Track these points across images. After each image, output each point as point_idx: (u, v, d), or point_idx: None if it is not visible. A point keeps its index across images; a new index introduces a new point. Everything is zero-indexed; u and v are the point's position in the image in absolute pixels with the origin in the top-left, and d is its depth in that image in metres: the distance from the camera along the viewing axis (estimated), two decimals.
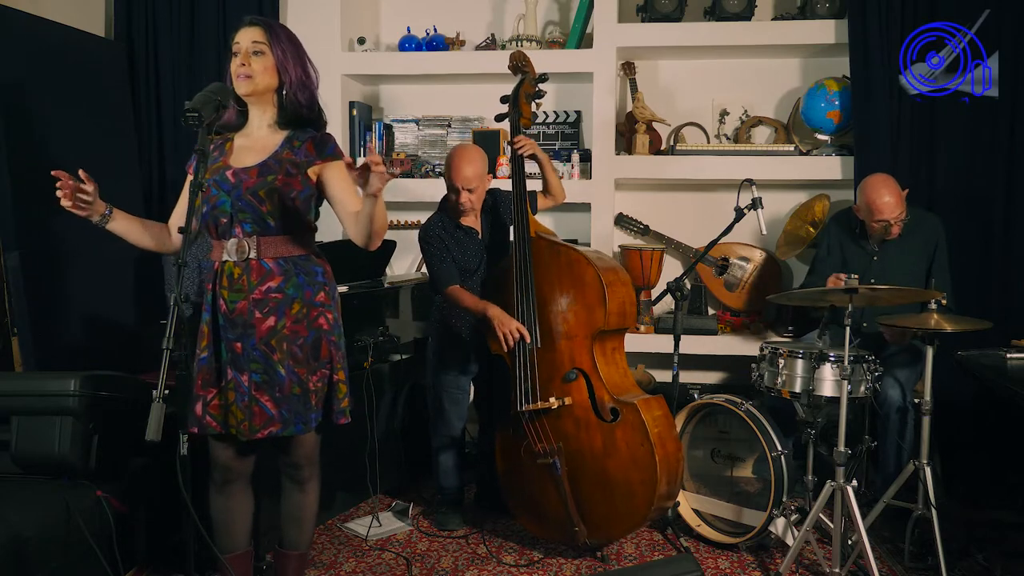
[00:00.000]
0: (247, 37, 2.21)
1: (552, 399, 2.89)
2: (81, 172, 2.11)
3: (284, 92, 2.25)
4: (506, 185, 3.28)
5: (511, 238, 3.13)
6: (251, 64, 2.20)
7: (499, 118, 3.25)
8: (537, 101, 3.22)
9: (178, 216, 2.38)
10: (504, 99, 3.21)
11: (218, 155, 2.29)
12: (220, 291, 2.22)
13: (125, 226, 2.27)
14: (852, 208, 3.42)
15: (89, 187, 2.12)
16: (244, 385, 2.22)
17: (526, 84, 3.16)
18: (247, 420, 2.21)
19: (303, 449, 2.34)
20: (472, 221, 3.23)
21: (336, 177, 2.28)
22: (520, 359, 2.93)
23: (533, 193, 3.26)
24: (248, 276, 2.21)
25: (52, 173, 2.07)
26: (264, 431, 2.23)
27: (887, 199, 3.21)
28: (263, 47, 2.21)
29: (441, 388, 3.26)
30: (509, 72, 3.28)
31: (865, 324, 3.29)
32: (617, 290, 2.94)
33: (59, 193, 2.08)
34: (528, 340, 2.90)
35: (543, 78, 3.19)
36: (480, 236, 3.23)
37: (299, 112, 2.27)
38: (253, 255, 2.21)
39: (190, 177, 2.33)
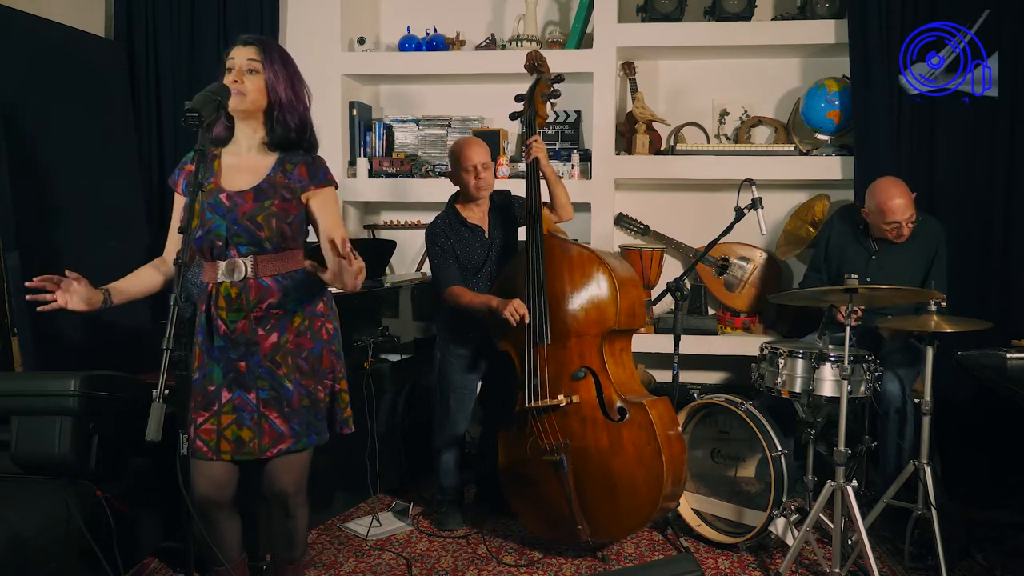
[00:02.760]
0: (242, 55, 2.19)
1: (560, 396, 2.90)
2: (68, 272, 2.10)
3: (273, 113, 2.22)
4: (510, 185, 3.27)
5: (521, 239, 3.12)
6: (244, 82, 2.17)
7: (513, 116, 3.25)
8: (552, 100, 3.22)
9: (173, 240, 2.32)
10: (519, 97, 3.22)
11: (208, 175, 2.24)
12: (217, 312, 2.19)
13: (126, 293, 2.25)
14: (859, 209, 3.40)
15: (77, 285, 2.10)
16: (252, 403, 2.20)
17: (542, 84, 3.17)
18: (256, 438, 2.19)
19: (292, 474, 2.27)
20: (479, 219, 3.23)
21: (322, 204, 2.26)
22: (529, 355, 2.93)
23: (545, 203, 3.20)
24: (247, 295, 2.19)
25: (29, 285, 2.08)
26: (274, 448, 2.21)
27: (898, 201, 3.20)
28: (257, 66, 2.19)
29: (448, 387, 3.27)
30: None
31: (861, 321, 3.29)
32: (629, 290, 2.94)
33: (50, 297, 2.09)
34: (527, 319, 2.89)
35: (559, 78, 3.19)
36: (487, 235, 3.24)
37: (287, 135, 2.24)
38: (251, 274, 2.19)
39: (177, 195, 2.31)
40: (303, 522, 2.40)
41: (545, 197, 3.16)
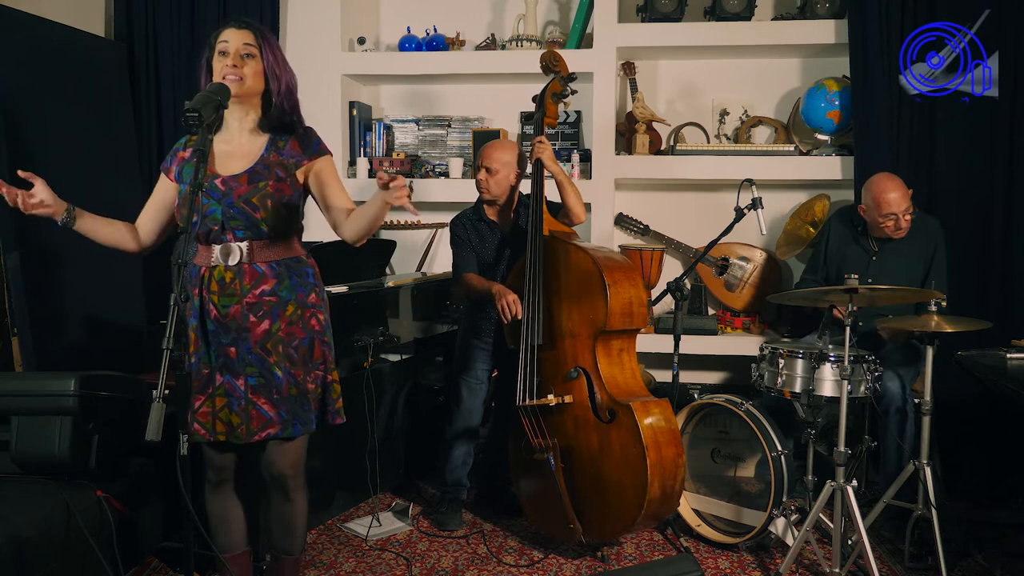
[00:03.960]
0: (238, 39, 2.18)
1: (550, 396, 2.90)
2: (20, 172, 2.11)
3: (273, 99, 2.23)
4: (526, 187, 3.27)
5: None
6: (241, 66, 2.17)
7: (526, 116, 3.25)
8: (564, 101, 3.23)
9: (147, 216, 2.34)
10: (535, 98, 3.22)
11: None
12: (209, 296, 2.20)
13: (91, 225, 2.27)
14: (858, 208, 3.41)
15: (37, 185, 2.13)
16: (240, 389, 2.20)
17: (554, 83, 3.17)
18: (244, 424, 2.20)
19: (289, 457, 2.29)
20: (496, 216, 3.27)
21: (324, 174, 2.28)
22: (523, 355, 2.94)
23: (559, 204, 3.20)
24: (240, 280, 2.19)
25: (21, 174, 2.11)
26: (262, 433, 2.21)
27: (893, 194, 3.22)
28: (254, 50, 2.19)
29: (460, 376, 3.31)
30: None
31: (860, 323, 3.28)
32: (622, 290, 2.90)
33: (8, 200, 2.10)
34: (519, 315, 2.92)
35: (572, 77, 3.19)
36: (504, 233, 3.27)
37: (284, 118, 2.25)
38: (246, 259, 2.19)
39: (164, 178, 2.31)
40: (302, 508, 2.40)
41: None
